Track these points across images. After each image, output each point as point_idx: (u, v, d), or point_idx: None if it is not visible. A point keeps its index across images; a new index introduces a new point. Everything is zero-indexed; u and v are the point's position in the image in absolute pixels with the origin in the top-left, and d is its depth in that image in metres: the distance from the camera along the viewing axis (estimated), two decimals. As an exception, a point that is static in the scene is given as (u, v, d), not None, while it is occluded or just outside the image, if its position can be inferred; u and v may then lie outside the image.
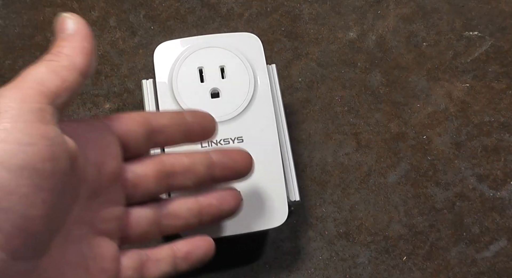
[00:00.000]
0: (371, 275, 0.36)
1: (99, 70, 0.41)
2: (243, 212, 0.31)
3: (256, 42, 0.34)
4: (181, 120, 0.28)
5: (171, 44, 0.34)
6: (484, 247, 0.37)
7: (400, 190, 0.38)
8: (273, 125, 0.33)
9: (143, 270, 0.26)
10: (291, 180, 0.33)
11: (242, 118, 0.32)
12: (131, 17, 0.42)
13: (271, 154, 0.32)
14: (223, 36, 0.34)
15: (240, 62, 0.33)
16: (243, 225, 0.31)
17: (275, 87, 0.35)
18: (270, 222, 0.32)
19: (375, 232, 0.37)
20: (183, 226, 0.28)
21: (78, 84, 0.23)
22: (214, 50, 0.34)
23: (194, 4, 0.43)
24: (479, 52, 0.42)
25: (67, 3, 0.42)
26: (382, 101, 0.40)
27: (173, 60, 0.33)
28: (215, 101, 0.33)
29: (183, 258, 0.28)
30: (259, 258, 0.37)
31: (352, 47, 0.42)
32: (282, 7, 0.43)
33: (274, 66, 0.35)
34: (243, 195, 0.31)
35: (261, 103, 0.33)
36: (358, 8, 0.43)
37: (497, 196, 0.38)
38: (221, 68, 0.33)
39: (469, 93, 0.41)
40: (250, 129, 0.32)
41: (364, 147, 0.39)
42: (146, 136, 0.26)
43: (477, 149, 0.39)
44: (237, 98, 0.33)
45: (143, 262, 0.26)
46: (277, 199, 0.32)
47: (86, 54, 0.23)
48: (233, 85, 0.33)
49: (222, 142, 0.32)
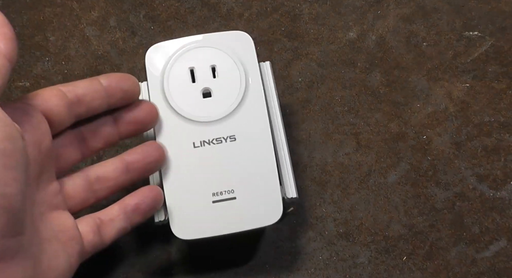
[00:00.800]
0: (371, 275, 0.36)
1: (99, 70, 0.41)
2: (237, 210, 0.31)
3: (247, 40, 0.34)
4: (97, 86, 0.29)
5: (162, 46, 0.34)
6: (484, 247, 0.37)
7: (400, 190, 0.38)
8: (266, 123, 0.32)
9: (100, 231, 0.28)
10: (287, 177, 0.33)
11: (234, 117, 0.32)
12: (131, 17, 0.42)
13: (265, 151, 0.32)
14: (214, 36, 0.34)
15: (231, 61, 0.33)
16: (238, 224, 0.31)
17: (269, 84, 0.34)
18: (265, 219, 0.32)
19: (375, 232, 0.37)
20: (115, 186, 0.30)
21: (6, 69, 0.23)
22: (205, 50, 0.34)
23: (194, 4, 0.43)
24: (479, 52, 0.42)
25: (67, 3, 0.42)
26: (382, 101, 0.40)
27: (164, 62, 0.33)
28: (207, 101, 0.33)
29: (133, 211, 0.29)
30: (259, 258, 0.37)
31: (352, 47, 0.42)
32: (282, 7, 0.43)
33: (269, 63, 0.35)
34: (237, 193, 0.31)
35: (253, 101, 0.33)
36: (358, 8, 0.43)
37: (497, 196, 0.38)
38: (212, 68, 0.33)
39: (469, 93, 0.41)
40: (242, 128, 0.32)
41: (364, 147, 0.39)
42: (67, 108, 0.27)
43: (477, 149, 0.39)
44: (229, 97, 0.33)
45: (98, 224, 0.28)
46: (271, 197, 0.32)
47: (8, 39, 0.23)
48: (225, 84, 0.33)
49: (215, 141, 0.32)
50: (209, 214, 0.31)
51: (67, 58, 0.41)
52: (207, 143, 0.32)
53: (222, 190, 0.31)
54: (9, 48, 0.23)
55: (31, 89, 0.40)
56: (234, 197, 0.31)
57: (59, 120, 0.27)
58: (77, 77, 0.40)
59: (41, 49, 0.41)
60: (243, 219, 0.31)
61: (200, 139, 0.32)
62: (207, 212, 0.31)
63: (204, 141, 0.32)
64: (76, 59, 0.41)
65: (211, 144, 0.32)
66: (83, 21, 0.42)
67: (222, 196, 0.31)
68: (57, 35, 0.41)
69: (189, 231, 0.31)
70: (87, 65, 0.41)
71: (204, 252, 0.37)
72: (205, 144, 0.32)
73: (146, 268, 0.36)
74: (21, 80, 0.40)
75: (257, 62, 0.34)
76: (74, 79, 0.40)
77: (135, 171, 0.30)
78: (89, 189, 0.29)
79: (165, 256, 0.36)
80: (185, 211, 0.31)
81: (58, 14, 0.42)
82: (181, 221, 0.31)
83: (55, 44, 0.41)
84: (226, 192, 0.31)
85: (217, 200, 0.31)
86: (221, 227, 0.31)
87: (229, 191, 0.31)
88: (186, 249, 0.37)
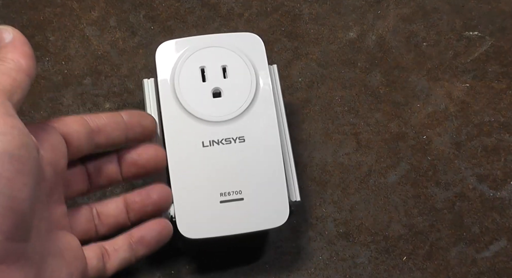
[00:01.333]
0: (371, 275, 0.36)
1: (99, 70, 0.41)
2: (244, 211, 0.31)
3: (258, 42, 0.34)
4: (119, 118, 0.30)
5: (173, 44, 0.34)
6: (484, 247, 0.37)
7: (400, 190, 0.38)
8: (274, 126, 0.33)
9: (104, 259, 0.29)
10: (291, 180, 0.33)
11: (243, 118, 0.32)
12: (131, 17, 0.42)
13: (273, 153, 0.32)
14: (225, 36, 0.34)
15: (242, 62, 0.33)
16: (244, 225, 0.31)
17: (276, 87, 0.35)
18: (271, 221, 0.32)
19: (375, 232, 0.37)
20: (115, 223, 0.31)
21: (26, 84, 0.25)
22: (216, 50, 0.34)
23: (194, 4, 0.43)
24: (479, 52, 0.42)
25: (67, 3, 0.42)
26: (382, 101, 0.40)
27: (175, 60, 0.33)
28: (217, 101, 0.33)
29: (138, 242, 0.30)
30: (259, 258, 0.37)
31: (352, 47, 0.42)
32: (282, 7, 0.43)
33: (276, 67, 0.35)
34: (244, 194, 0.31)
35: (263, 103, 0.33)
36: (358, 8, 0.43)
37: (497, 196, 0.38)
38: (223, 68, 0.33)
39: (469, 93, 0.41)
40: (251, 129, 0.32)
41: (364, 147, 0.39)
42: (87, 135, 0.28)
43: (477, 149, 0.39)
44: (239, 98, 0.33)
45: (103, 252, 0.29)
46: (278, 199, 0.32)
47: (28, 57, 0.25)
48: (235, 85, 0.33)
49: (224, 141, 0.32)
50: (216, 213, 0.31)
51: (67, 58, 0.41)
52: (216, 142, 0.32)
53: (230, 190, 0.31)
54: (29, 65, 0.25)
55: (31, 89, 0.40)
56: (242, 198, 0.31)
57: (78, 146, 0.28)
58: (77, 77, 0.40)
59: (41, 49, 0.41)
60: (250, 220, 0.31)
61: (209, 139, 0.32)
62: (215, 211, 0.31)
63: (213, 141, 0.32)
64: (76, 59, 0.41)
65: (220, 144, 0.32)
66: (83, 21, 0.42)
67: (230, 196, 0.31)
68: (57, 35, 0.41)
69: (196, 231, 0.31)
70: (87, 65, 0.41)
71: (204, 252, 0.36)
72: (214, 144, 0.32)
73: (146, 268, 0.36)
74: (21, 80, 0.40)
75: (267, 64, 0.34)
76: (74, 79, 0.40)
77: (135, 211, 0.31)
78: (90, 222, 0.30)
79: (165, 256, 0.36)
80: (192, 210, 0.31)
81: (58, 14, 0.42)
82: (188, 220, 0.31)
83: (55, 44, 0.41)
84: (234, 192, 0.31)
85: (225, 200, 0.31)
86: (228, 228, 0.31)
87: (237, 191, 0.31)
88: (186, 249, 0.37)
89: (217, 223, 0.31)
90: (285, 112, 0.34)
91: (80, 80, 0.40)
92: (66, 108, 0.39)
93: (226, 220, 0.31)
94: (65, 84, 0.40)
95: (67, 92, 0.40)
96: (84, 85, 0.40)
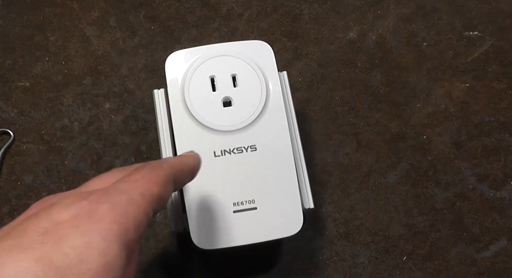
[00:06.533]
0: (371, 275, 0.36)
1: (99, 70, 0.41)
2: (257, 221, 0.31)
3: (267, 50, 0.34)
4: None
5: (182, 54, 0.33)
6: (484, 247, 0.37)
7: (400, 190, 0.38)
8: (286, 133, 0.32)
9: None
10: (305, 188, 0.32)
11: (255, 126, 0.32)
12: (131, 17, 0.42)
13: (285, 162, 0.32)
14: (234, 45, 0.34)
15: (252, 71, 0.33)
16: (258, 234, 0.31)
17: (286, 94, 0.34)
18: (285, 230, 0.31)
19: (375, 232, 0.37)
20: None
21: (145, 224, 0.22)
22: (226, 58, 0.33)
23: (194, 4, 0.43)
24: (479, 52, 0.42)
25: (67, 3, 0.42)
26: (382, 101, 0.40)
27: (185, 70, 0.33)
28: (227, 110, 0.32)
29: None
30: (260, 258, 0.37)
31: (352, 47, 0.42)
32: (282, 7, 0.43)
33: (285, 73, 0.35)
34: (258, 204, 0.31)
35: (274, 111, 0.32)
36: (358, 8, 0.43)
37: (497, 196, 0.38)
38: (233, 77, 0.33)
39: (469, 93, 0.41)
40: (263, 137, 0.32)
41: (364, 147, 0.39)
42: None
43: (477, 149, 0.39)
44: (250, 106, 0.32)
45: None
46: (291, 207, 0.31)
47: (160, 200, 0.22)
48: (245, 93, 0.33)
49: (236, 150, 0.31)
50: (230, 224, 0.31)
51: (67, 58, 0.41)
52: (228, 152, 0.31)
53: (243, 199, 0.31)
54: None
55: (31, 89, 0.40)
56: (255, 207, 0.31)
57: None
58: (77, 77, 0.40)
59: (41, 49, 0.41)
60: (263, 230, 0.31)
61: (220, 148, 0.31)
62: (228, 222, 0.31)
63: (225, 150, 0.31)
64: (76, 59, 0.41)
65: (231, 153, 0.31)
66: (83, 21, 0.42)
67: (243, 206, 0.31)
68: (57, 35, 0.41)
69: (209, 241, 0.31)
70: (87, 65, 0.41)
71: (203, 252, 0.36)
72: (225, 153, 0.31)
73: (146, 267, 0.36)
74: (21, 80, 0.40)
75: (277, 72, 0.33)
76: (74, 79, 0.40)
77: None
78: None
79: (165, 256, 0.36)
80: (205, 221, 0.31)
81: (58, 14, 0.42)
82: (202, 231, 0.31)
83: (55, 44, 0.41)
84: (247, 202, 0.31)
85: (238, 209, 0.31)
86: (241, 238, 0.31)
87: (250, 201, 0.31)
88: (185, 249, 0.37)
89: (230, 233, 0.31)
90: (296, 119, 0.34)
91: (80, 80, 0.40)
92: (66, 108, 0.39)
93: (239, 230, 0.31)
94: (65, 84, 0.40)
95: (67, 92, 0.40)
96: (84, 85, 0.40)
